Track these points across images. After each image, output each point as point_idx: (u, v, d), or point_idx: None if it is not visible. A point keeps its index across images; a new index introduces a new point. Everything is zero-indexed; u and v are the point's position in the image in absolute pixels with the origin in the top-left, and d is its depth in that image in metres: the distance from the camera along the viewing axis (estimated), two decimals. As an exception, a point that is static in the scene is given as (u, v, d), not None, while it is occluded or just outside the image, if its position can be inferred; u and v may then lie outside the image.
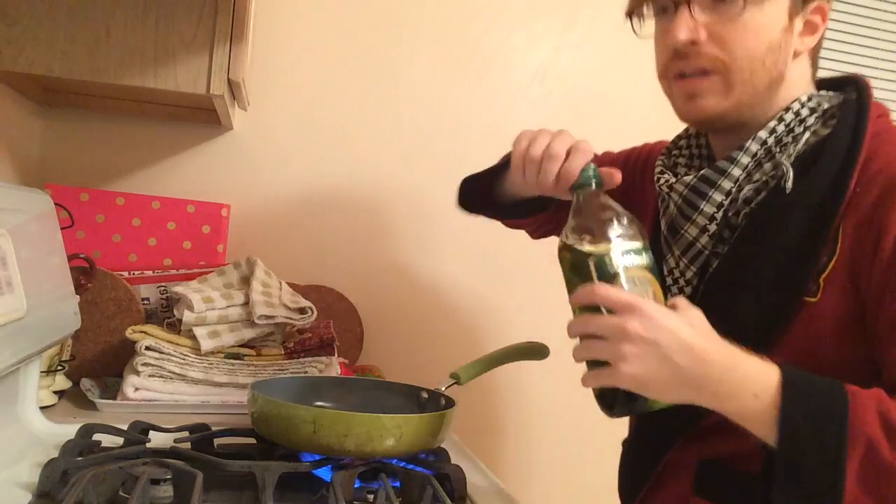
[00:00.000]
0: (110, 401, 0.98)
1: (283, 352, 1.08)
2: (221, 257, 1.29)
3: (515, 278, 1.52)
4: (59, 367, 1.00)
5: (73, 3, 0.94)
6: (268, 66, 1.39)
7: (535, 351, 1.14)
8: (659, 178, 0.85)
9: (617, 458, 1.00)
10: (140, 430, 0.81)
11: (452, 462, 0.81)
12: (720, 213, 0.78)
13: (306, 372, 1.06)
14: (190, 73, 0.97)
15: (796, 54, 0.79)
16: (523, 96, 1.54)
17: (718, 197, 0.78)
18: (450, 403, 0.86)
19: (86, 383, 1.03)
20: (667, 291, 0.85)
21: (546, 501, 1.58)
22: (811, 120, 0.77)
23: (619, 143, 1.12)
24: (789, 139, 0.77)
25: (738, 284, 0.78)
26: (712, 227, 0.79)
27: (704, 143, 0.88)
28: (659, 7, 0.80)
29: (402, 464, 0.78)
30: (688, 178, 0.80)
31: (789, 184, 0.75)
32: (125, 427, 0.81)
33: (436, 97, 1.49)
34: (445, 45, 1.49)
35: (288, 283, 1.20)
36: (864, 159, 0.73)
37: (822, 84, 0.84)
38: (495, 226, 1.53)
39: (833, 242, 0.73)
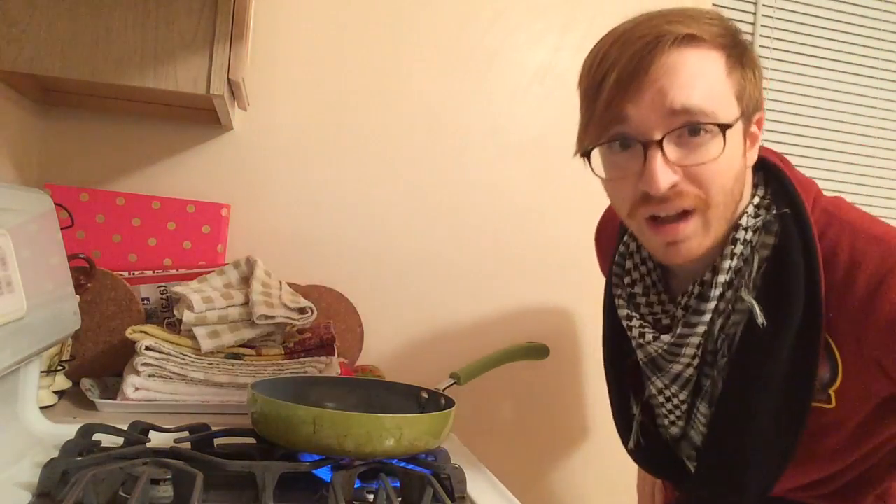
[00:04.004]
0: (110, 401, 0.98)
1: (283, 352, 1.08)
2: (221, 257, 1.29)
3: (515, 278, 1.52)
4: (59, 367, 1.00)
5: (73, 3, 0.94)
6: (268, 66, 1.39)
7: (535, 351, 1.14)
8: (631, 328, 0.86)
9: (616, 458, 1.00)
10: (140, 430, 0.81)
11: (452, 462, 0.81)
12: (700, 350, 0.81)
13: (306, 372, 1.06)
14: (190, 72, 0.97)
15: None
16: (523, 96, 1.54)
17: (695, 340, 0.81)
18: (450, 403, 0.86)
19: (86, 383, 1.03)
20: (660, 408, 0.90)
21: (546, 501, 1.57)
22: (755, 240, 0.78)
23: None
24: (745, 267, 0.78)
25: (744, 415, 0.79)
26: (696, 362, 0.83)
27: (652, 264, 0.88)
28: (616, 142, 0.75)
29: (402, 464, 0.77)
30: (666, 338, 0.82)
31: (761, 319, 0.75)
32: (125, 427, 0.81)
33: (436, 97, 1.49)
34: (445, 45, 1.49)
35: (288, 283, 1.20)
36: (826, 254, 0.74)
37: None
38: (495, 227, 1.53)
39: (831, 358, 0.74)
